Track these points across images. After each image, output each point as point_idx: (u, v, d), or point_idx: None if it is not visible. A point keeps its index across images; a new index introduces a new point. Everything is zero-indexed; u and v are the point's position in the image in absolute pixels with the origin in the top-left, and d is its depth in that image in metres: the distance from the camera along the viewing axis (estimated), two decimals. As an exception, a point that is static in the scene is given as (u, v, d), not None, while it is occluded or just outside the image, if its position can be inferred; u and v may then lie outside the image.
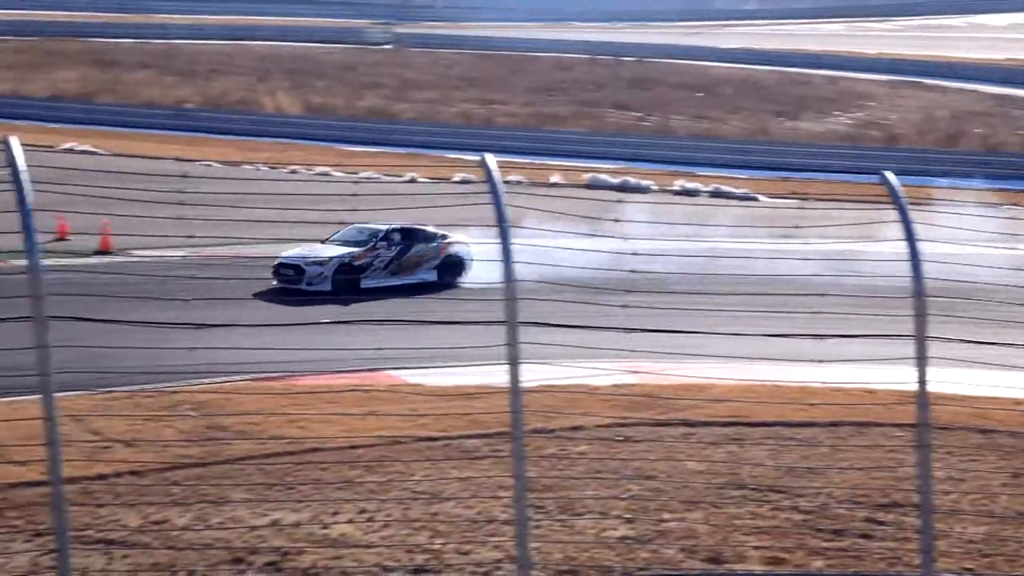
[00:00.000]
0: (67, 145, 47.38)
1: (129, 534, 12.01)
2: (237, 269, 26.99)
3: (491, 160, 9.49)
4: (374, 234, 28.42)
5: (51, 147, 43.73)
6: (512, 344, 9.49)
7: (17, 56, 75.54)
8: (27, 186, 7.59)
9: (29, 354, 9.04)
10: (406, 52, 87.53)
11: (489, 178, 9.39)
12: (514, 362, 9.48)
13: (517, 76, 74.37)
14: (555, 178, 43.04)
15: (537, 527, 11.83)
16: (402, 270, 28.45)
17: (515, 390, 9.55)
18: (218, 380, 18.12)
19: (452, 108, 62.12)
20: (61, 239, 28.40)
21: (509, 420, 9.76)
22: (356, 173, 42.24)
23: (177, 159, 44.18)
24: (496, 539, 11.89)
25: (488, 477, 13.86)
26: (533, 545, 10.42)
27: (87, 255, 27.45)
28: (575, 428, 15.97)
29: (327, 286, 27.15)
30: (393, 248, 28.44)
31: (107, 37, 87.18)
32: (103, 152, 47.13)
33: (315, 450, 15.02)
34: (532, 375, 9.95)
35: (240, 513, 12.72)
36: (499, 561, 11.45)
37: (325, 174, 42.73)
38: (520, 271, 9.53)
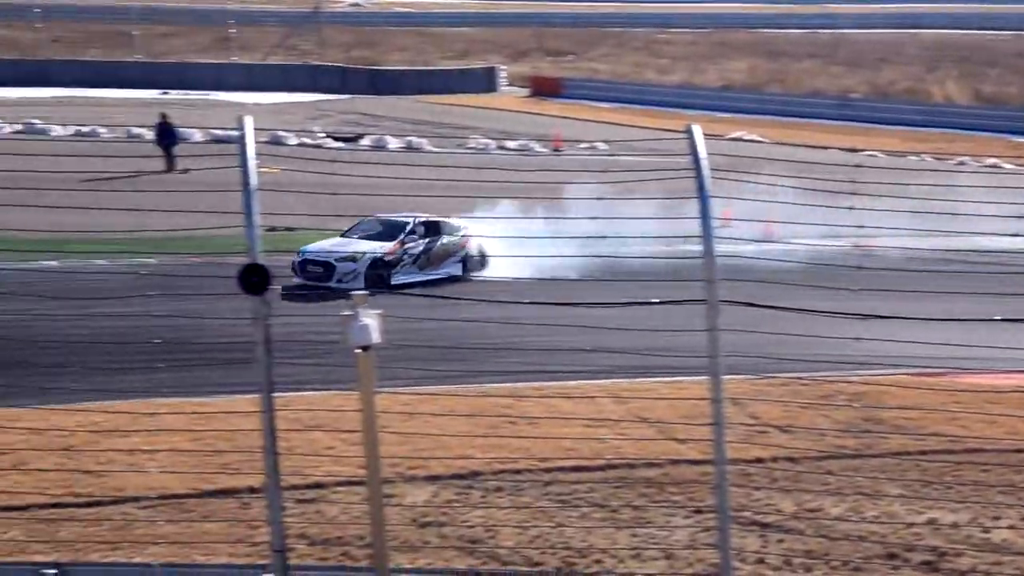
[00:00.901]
0: (735, 134, 48.59)
1: (784, 519, 12.13)
2: (906, 262, 26.35)
3: None
4: (398, 227, 26.84)
5: (720, 135, 44.95)
6: None
7: (690, 48, 78.51)
8: (706, 172, 7.82)
9: (692, 337, 9.29)
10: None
11: None
12: None
13: None
14: None
15: None
16: (430, 264, 26.77)
17: None
18: (878, 372, 17.91)
19: None
20: (723, 225, 29.14)
21: None
22: (1027, 166, 40.51)
23: (852, 149, 44.26)
24: None
25: None
26: None
27: (751, 242, 27.94)
28: None
29: (360, 283, 25.37)
30: (420, 242, 26.79)
31: (776, 28, 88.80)
32: (767, 140, 47.97)
33: (976, 451, 14.53)
34: None
35: (895, 508, 12.52)
36: None
37: (995, 166, 41.26)
38: None
